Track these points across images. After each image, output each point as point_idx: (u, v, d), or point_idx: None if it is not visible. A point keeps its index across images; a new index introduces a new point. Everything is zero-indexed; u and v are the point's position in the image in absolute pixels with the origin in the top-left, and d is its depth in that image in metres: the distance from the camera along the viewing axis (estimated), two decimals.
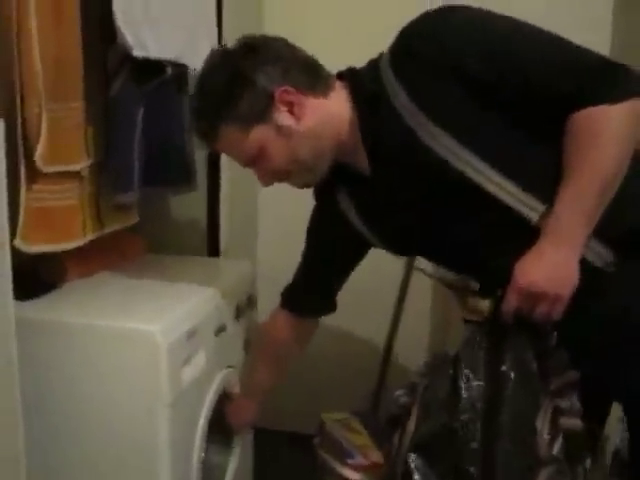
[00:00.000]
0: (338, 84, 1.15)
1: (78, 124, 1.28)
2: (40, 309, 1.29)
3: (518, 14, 1.05)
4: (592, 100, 0.96)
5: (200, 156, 1.79)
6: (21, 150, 1.18)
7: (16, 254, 1.08)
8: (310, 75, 1.13)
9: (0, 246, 1.01)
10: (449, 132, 1.02)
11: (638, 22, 1.97)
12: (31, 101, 1.16)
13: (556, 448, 1.03)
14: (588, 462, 1.05)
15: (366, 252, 1.36)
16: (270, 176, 1.18)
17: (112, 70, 1.34)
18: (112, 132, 1.37)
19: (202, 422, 1.39)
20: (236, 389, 1.60)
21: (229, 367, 1.54)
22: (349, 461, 1.62)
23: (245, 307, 1.66)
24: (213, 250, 1.90)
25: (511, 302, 1.03)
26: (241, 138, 1.12)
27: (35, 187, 1.22)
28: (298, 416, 2.17)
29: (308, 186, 1.24)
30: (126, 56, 1.29)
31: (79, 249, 1.39)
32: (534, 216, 1.02)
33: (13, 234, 1.16)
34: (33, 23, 1.13)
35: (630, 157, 0.99)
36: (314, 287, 1.41)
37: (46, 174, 1.22)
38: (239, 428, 1.64)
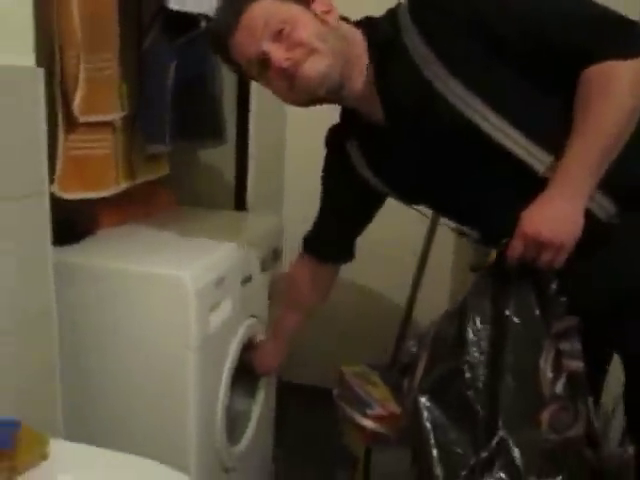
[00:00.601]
0: (355, 30, 1.16)
1: (113, 76, 1.33)
2: (76, 254, 1.35)
3: None
4: (605, 55, 0.99)
5: (230, 111, 1.83)
6: (59, 100, 1.24)
7: (53, 203, 1.14)
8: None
9: (39, 194, 1.08)
10: (464, 83, 1.05)
11: None
12: (69, 52, 1.21)
13: (559, 387, 1.07)
14: (590, 401, 1.09)
15: (379, 202, 1.40)
16: (291, 50, 1.10)
17: (145, 24, 1.39)
18: (145, 84, 1.42)
19: (227, 366, 1.45)
20: (261, 337, 1.67)
21: (253, 317, 1.60)
22: (368, 412, 1.69)
23: (270, 260, 1.71)
24: (240, 204, 1.95)
25: (516, 249, 1.06)
26: (277, 5, 1.11)
27: (72, 136, 1.28)
28: (320, 370, 2.24)
29: (310, 100, 1.19)
30: (160, 8, 1.33)
31: (112, 199, 1.46)
32: (541, 167, 1.05)
33: (51, 181, 1.23)
34: None
35: (635, 118, 1.01)
36: (331, 234, 1.45)
37: (82, 124, 1.27)
38: (264, 373, 1.69)
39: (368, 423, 1.68)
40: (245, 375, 1.67)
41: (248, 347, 1.61)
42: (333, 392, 1.82)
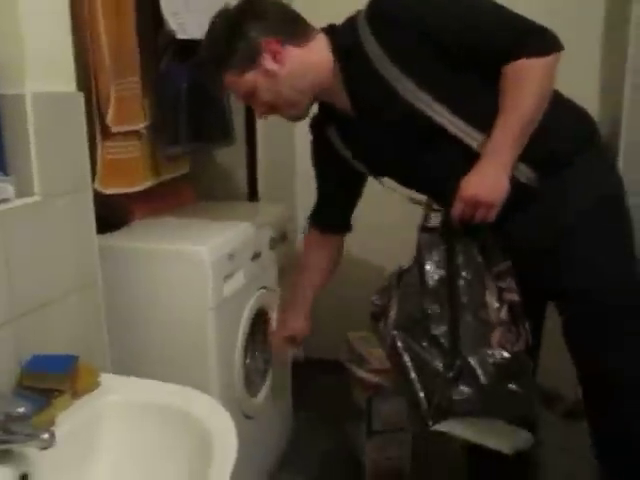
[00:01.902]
0: (320, 36, 1.42)
1: (137, 94, 1.62)
2: (116, 239, 1.65)
3: None
4: (520, 55, 1.25)
5: (239, 116, 2.12)
6: (96, 115, 1.53)
7: (97, 199, 1.40)
8: (292, 28, 1.41)
9: (85, 189, 1.36)
10: (415, 81, 1.32)
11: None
12: (102, 78, 1.50)
13: (503, 314, 1.35)
14: (527, 324, 1.36)
15: (362, 178, 1.66)
16: (263, 109, 1.47)
17: (161, 50, 1.68)
18: (162, 99, 1.71)
19: (242, 326, 1.75)
20: (272, 307, 1.96)
21: (264, 288, 1.90)
22: (368, 367, 1.97)
23: (279, 240, 1.99)
24: (253, 196, 2.24)
25: (457, 209, 1.35)
26: (238, 81, 1.42)
27: (107, 144, 1.57)
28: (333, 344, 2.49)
29: (297, 119, 1.52)
30: (172, 39, 1.63)
31: (142, 195, 1.75)
32: (474, 144, 1.33)
33: (92, 180, 1.51)
34: (100, 19, 1.48)
35: (548, 98, 1.29)
36: (328, 208, 1.73)
37: (115, 133, 1.57)
38: (296, 331, 1.84)
39: (368, 376, 1.97)
40: (262, 341, 1.97)
41: (261, 314, 1.90)
42: (341, 356, 2.10)
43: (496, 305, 1.36)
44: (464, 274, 1.37)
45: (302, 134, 2.53)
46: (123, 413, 1.15)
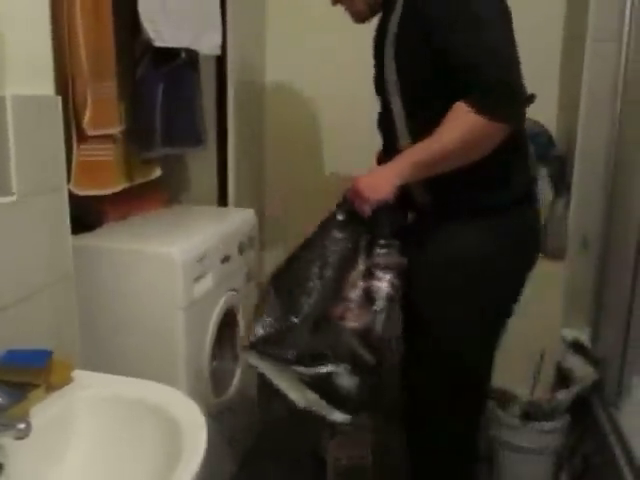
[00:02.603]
0: None
1: (113, 98, 1.66)
2: (89, 239, 1.68)
3: None
4: (471, 101, 1.26)
5: (211, 123, 2.18)
6: (73, 119, 1.56)
7: (71, 202, 1.43)
8: None
9: (60, 189, 1.39)
10: (396, 65, 1.41)
11: None
12: (79, 81, 1.54)
13: (355, 293, 1.45)
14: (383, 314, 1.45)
15: None
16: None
17: (138, 56, 1.73)
18: (138, 104, 1.75)
19: (211, 327, 1.79)
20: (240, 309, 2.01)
21: (233, 290, 1.95)
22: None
23: (247, 245, 2.05)
24: (223, 201, 2.29)
25: (347, 194, 1.48)
26: None
27: (82, 146, 1.60)
28: None
29: (361, 19, 1.56)
30: (148, 45, 1.67)
31: (115, 198, 1.78)
32: (402, 144, 1.45)
33: (68, 181, 1.54)
34: (79, 23, 1.51)
35: (468, 153, 1.31)
36: None
37: (90, 136, 1.60)
38: None
39: None
40: (229, 341, 2.01)
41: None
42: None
43: (358, 284, 1.45)
44: (344, 250, 1.47)
45: (272, 143, 2.66)
46: (96, 407, 1.18)
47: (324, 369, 1.39)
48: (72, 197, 1.53)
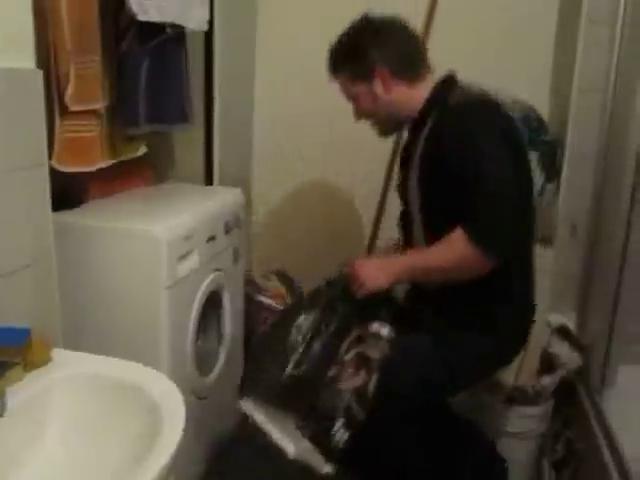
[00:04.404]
0: (429, 79, 1.62)
1: (97, 73, 1.63)
2: (71, 217, 1.66)
3: None
4: (468, 231, 1.43)
5: (198, 99, 2.15)
6: (55, 93, 1.53)
7: (53, 178, 1.42)
8: (408, 65, 1.61)
9: (41, 165, 1.38)
10: (417, 182, 1.58)
11: None
12: (62, 56, 1.51)
13: (348, 356, 1.61)
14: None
15: None
16: (358, 115, 1.71)
17: (122, 31, 1.69)
18: (122, 80, 1.72)
19: (196, 306, 1.78)
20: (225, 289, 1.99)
21: (219, 270, 1.93)
22: (264, 293, 2.45)
23: (233, 225, 2.03)
24: (209, 181, 2.27)
25: (346, 271, 1.63)
26: (348, 84, 1.66)
27: (65, 122, 1.57)
28: None
29: (384, 135, 1.75)
30: (132, 20, 1.64)
31: (99, 175, 1.75)
32: (416, 244, 1.65)
33: (49, 157, 1.52)
34: None
35: (455, 276, 1.50)
36: None
37: (73, 112, 1.57)
38: None
39: (264, 299, 2.41)
40: (214, 322, 2.01)
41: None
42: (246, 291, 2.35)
43: (347, 346, 1.61)
44: (338, 318, 1.61)
45: (261, 122, 2.63)
46: (74, 386, 1.17)
47: (335, 424, 1.53)
48: (55, 173, 1.52)
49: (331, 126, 2.55)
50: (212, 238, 1.85)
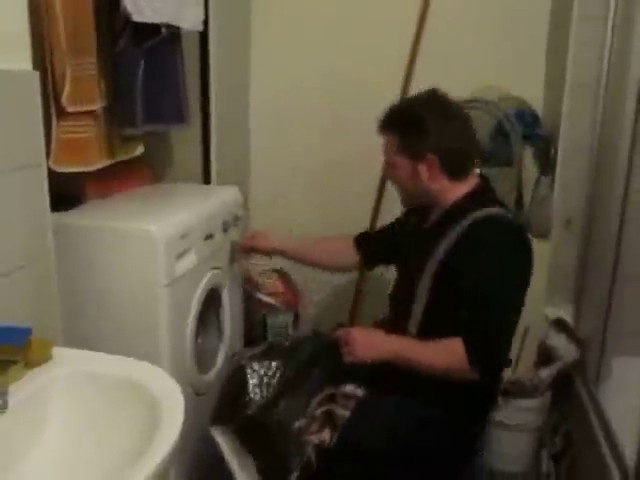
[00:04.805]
0: (471, 181, 1.65)
1: (93, 74, 1.64)
2: (70, 217, 1.67)
3: None
4: (465, 342, 1.49)
5: (194, 99, 2.16)
6: (52, 95, 1.54)
7: (51, 178, 1.42)
8: (458, 163, 1.63)
9: (39, 165, 1.38)
10: (432, 280, 1.60)
11: None
12: (58, 57, 1.52)
13: (318, 411, 1.64)
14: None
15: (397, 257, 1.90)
16: (389, 179, 1.81)
17: (117, 32, 1.70)
18: (118, 81, 1.73)
19: (194, 304, 1.79)
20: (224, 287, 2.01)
21: (217, 268, 1.94)
22: (262, 290, 2.46)
23: (231, 224, 2.04)
24: (207, 180, 2.28)
25: (340, 333, 1.62)
26: (392, 149, 1.66)
27: (62, 123, 1.58)
28: None
29: (404, 205, 1.80)
30: (127, 20, 1.65)
31: (97, 175, 1.76)
32: (409, 329, 1.65)
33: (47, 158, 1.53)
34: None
35: (441, 375, 1.53)
36: (374, 239, 2.02)
37: (70, 113, 1.58)
38: (265, 247, 2.08)
39: (262, 296, 2.43)
40: (214, 320, 2.02)
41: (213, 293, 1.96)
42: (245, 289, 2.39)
43: (318, 402, 1.66)
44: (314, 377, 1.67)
45: (258, 120, 2.65)
46: (74, 384, 1.18)
47: (291, 475, 1.57)
48: (54, 174, 1.53)
49: (330, 119, 2.56)
50: (210, 236, 1.86)
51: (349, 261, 2.04)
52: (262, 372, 1.63)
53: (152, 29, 1.74)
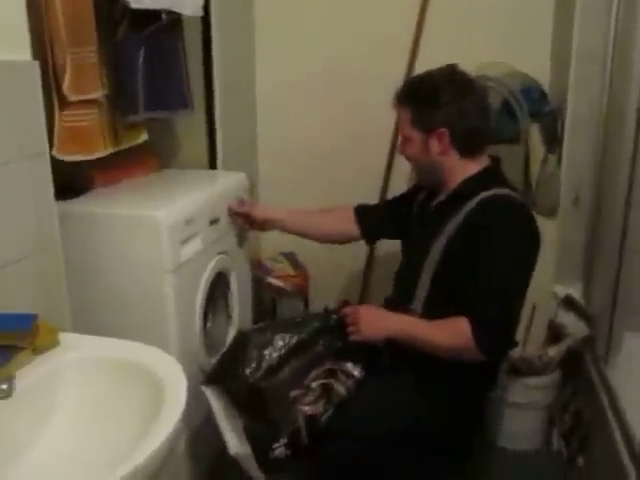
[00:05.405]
0: (482, 160, 1.64)
1: (94, 63, 1.65)
2: (75, 205, 1.70)
3: None
4: (472, 321, 1.48)
5: (199, 87, 2.16)
6: (53, 84, 1.55)
7: (56, 167, 1.44)
8: (470, 140, 1.61)
9: (42, 154, 1.40)
10: (440, 255, 1.59)
11: None
12: (57, 47, 1.53)
13: (314, 384, 1.61)
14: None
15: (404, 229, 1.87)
16: (401, 152, 1.72)
17: (117, 20, 1.71)
18: (120, 68, 1.74)
19: (202, 288, 1.81)
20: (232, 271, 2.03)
21: (223, 253, 1.95)
22: (273, 274, 2.52)
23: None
24: (213, 166, 2.28)
25: (347, 310, 1.64)
26: (407, 123, 1.64)
27: (65, 112, 1.60)
28: None
29: (421, 182, 1.80)
30: (126, 8, 1.65)
31: (104, 163, 1.78)
32: (413, 307, 1.64)
33: (50, 148, 1.54)
34: None
35: (445, 355, 1.53)
36: (375, 212, 1.98)
37: (73, 102, 1.60)
38: (260, 215, 2.01)
39: (273, 280, 2.47)
40: (222, 305, 2.04)
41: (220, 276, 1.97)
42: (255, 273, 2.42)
43: (316, 374, 1.63)
44: (318, 349, 1.65)
45: (264, 104, 2.65)
46: (82, 368, 1.20)
47: (279, 440, 1.57)
48: (60, 163, 1.54)
49: (336, 103, 2.56)
50: (215, 221, 1.87)
51: (348, 230, 1.98)
52: (265, 341, 1.61)
53: (152, 16, 1.74)
